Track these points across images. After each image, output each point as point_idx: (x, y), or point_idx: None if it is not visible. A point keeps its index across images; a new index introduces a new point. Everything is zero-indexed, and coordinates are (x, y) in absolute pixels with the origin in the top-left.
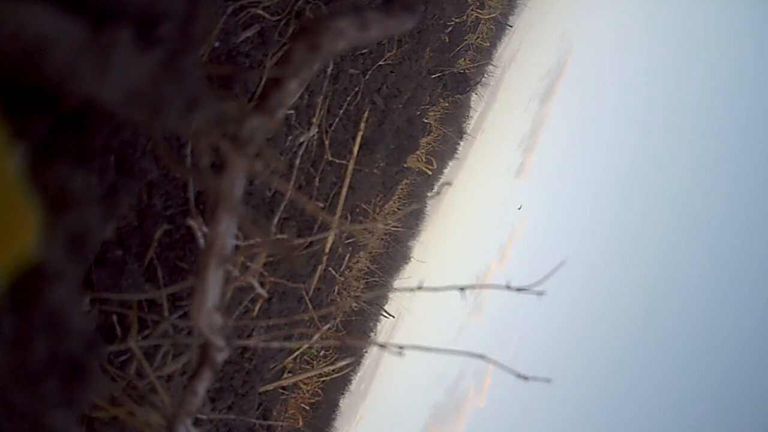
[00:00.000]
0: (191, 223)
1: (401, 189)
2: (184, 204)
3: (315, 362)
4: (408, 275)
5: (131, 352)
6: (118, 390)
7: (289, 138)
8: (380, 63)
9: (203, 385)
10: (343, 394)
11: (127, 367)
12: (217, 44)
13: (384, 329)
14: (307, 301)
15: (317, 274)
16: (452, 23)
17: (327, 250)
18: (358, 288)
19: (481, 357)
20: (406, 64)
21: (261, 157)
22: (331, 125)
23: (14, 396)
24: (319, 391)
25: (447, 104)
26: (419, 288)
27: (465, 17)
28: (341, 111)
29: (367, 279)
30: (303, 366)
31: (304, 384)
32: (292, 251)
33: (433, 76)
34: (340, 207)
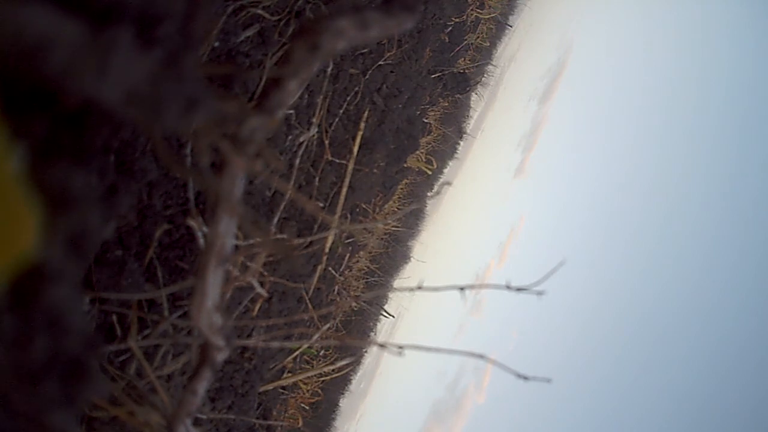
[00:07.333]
0: (191, 223)
1: (401, 189)
2: (184, 204)
3: (315, 362)
4: (408, 275)
5: (131, 352)
6: (118, 390)
7: (289, 138)
8: (380, 63)
9: (203, 385)
10: (343, 393)
11: (127, 367)
12: (217, 44)
13: (384, 329)
14: (307, 301)
15: (317, 274)
16: (452, 23)
17: (327, 250)
18: (358, 288)
19: (481, 357)
20: (406, 64)
21: (261, 157)
22: (331, 125)
23: (14, 396)
24: (319, 391)
25: (447, 104)
26: (419, 288)
27: (465, 17)
28: (341, 111)
29: (367, 279)
30: (303, 366)
31: (304, 384)
32: (292, 251)
33: (433, 76)
34: (340, 207)
